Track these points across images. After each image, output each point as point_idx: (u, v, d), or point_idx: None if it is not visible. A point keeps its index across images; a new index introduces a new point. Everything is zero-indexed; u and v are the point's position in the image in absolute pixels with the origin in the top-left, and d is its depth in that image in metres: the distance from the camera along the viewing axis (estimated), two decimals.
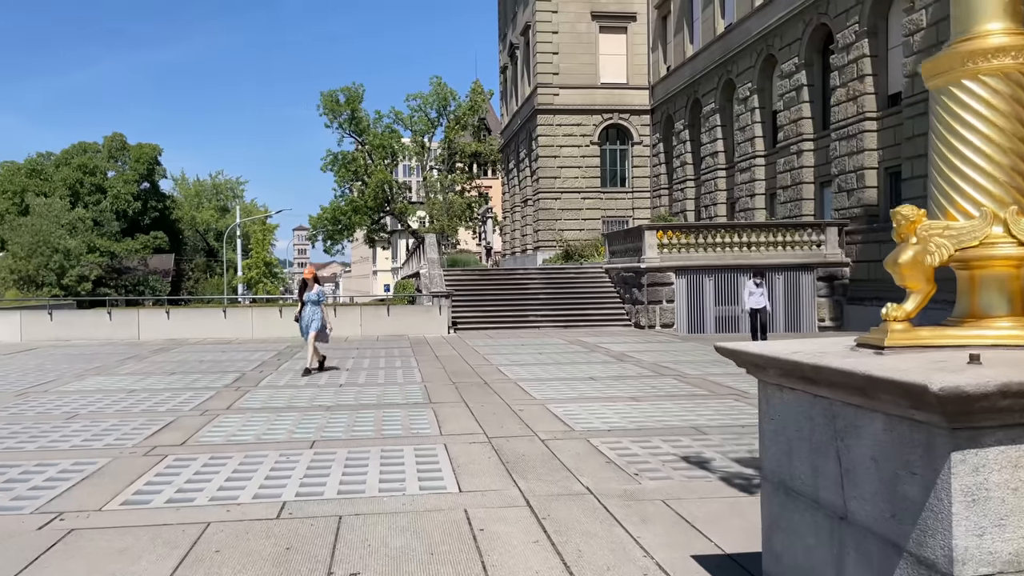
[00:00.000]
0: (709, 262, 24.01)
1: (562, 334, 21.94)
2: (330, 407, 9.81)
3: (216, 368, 14.30)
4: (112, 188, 68.31)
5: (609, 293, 26.78)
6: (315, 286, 13.37)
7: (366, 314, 22.25)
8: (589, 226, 41.90)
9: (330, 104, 61.54)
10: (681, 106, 38.44)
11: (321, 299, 13.42)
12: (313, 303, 13.19)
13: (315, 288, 13.33)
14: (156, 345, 19.62)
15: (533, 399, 10.30)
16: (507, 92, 54.09)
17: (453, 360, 15.39)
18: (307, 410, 9.60)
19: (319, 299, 13.33)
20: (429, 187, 65.99)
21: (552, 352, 16.74)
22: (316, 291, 13.29)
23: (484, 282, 28.70)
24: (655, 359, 15.18)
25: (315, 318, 13.14)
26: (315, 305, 13.21)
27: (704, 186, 35.80)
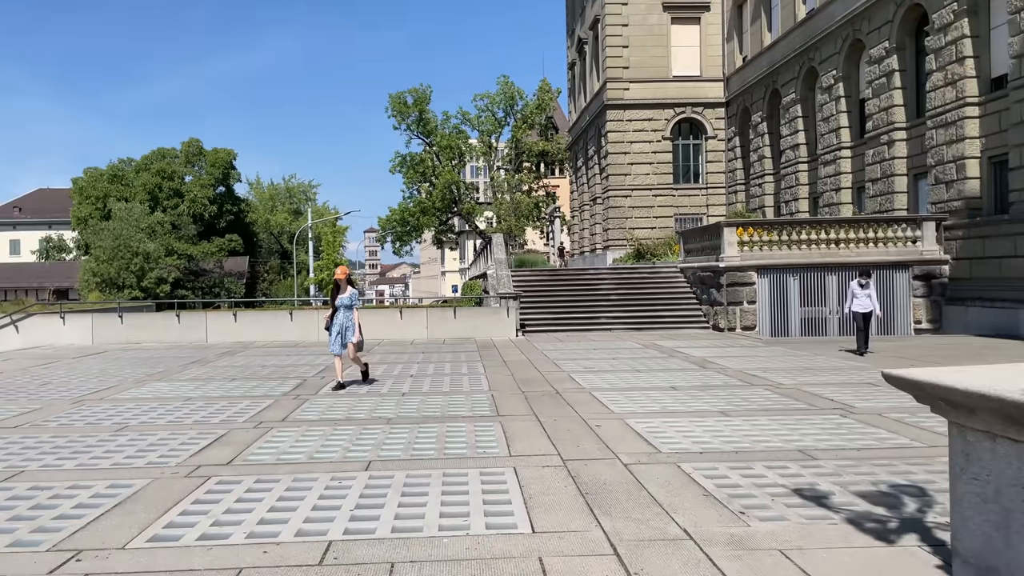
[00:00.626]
0: (793, 260, 22.56)
1: (636, 337, 20.88)
2: (391, 419, 9.08)
3: (278, 374, 13.81)
4: (189, 192, 69.98)
5: (685, 294, 25.54)
6: (348, 288, 11.81)
7: (432, 316, 21.64)
8: (661, 224, 40.55)
9: (398, 106, 61.70)
10: (758, 97, 36.75)
11: (355, 303, 11.79)
12: (347, 307, 11.68)
13: (348, 290, 11.77)
14: (223, 348, 19.39)
15: (611, 412, 9.36)
16: (575, 89, 53.06)
17: (522, 366, 14.55)
18: (366, 423, 8.89)
19: (353, 303, 11.75)
20: (496, 187, 65.53)
21: (626, 357, 15.73)
22: (350, 294, 11.75)
23: (553, 283, 27.80)
24: (740, 366, 14.02)
25: (350, 325, 11.66)
26: (349, 310, 11.69)
27: (784, 181, 34.09)
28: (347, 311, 11.63)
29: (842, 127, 29.24)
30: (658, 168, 40.93)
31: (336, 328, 11.66)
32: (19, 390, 12.11)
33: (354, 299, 11.76)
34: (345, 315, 11.62)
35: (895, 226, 22.68)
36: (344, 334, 11.61)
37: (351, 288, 11.82)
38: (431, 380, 12.63)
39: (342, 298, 11.65)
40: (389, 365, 15.00)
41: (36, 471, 6.74)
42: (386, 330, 21.16)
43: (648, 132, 40.85)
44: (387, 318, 21.55)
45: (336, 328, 11.66)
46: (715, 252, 23.60)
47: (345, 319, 11.62)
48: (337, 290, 11.77)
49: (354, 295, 11.79)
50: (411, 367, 14.58)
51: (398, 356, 16.71)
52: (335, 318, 11.67)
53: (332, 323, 11.71)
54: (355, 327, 11.62)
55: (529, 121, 61.78)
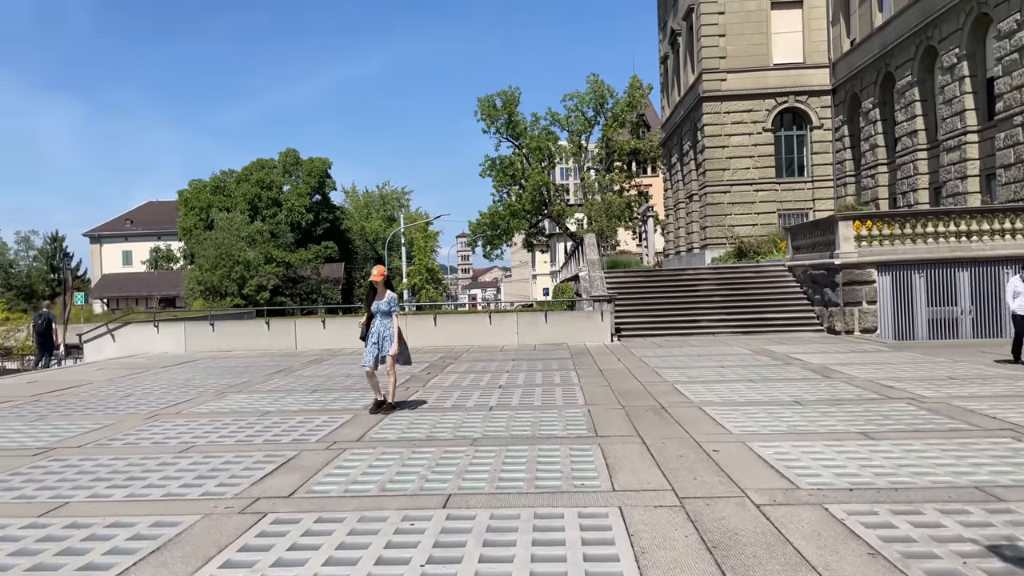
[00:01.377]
0: (918, 255, 20.45)
1: (742, 342, 19.29)
2: (476, 440, 8.09)
3: (361, 384, 13.08)
4: (287, 201, 71.73)
5: (794, 294, 23.67)
6: (387, 292, 10.10)
7: (523, 321, 20.65)
8: (763, 221, 38.38)
9: (487, 109, 61.32)
10: (869, 82, 34.20)
11: (394, 309, 10.11)
12: (384, 314, 10.02)
13: (387, 295, 10.08)
14: (311, 356, 18.97)
15: (728, 433, 8.08)
16: (668, 83, 51.23)
17: (620, 375, 13.35)
18: (449, 444, 7.93)
19: (391, 308, 10.07)
20: (587, 188, 64.27)
21: (736, 365, 14.29)
22: (388, 298, 10.05)
23: (649, 284, 26.37)
24: (869, 375, 12.40)
25: (388, 334, 9.96)
26: (387, 317, 10.02)
27: (900, 170, 31.50)
28: (384, 318, 10.02)
29: (967, 109, 26.65)
30: (759, 162, 38.78)
31: (372, 338, 9.98)
32: (99, 403, 11.78)
33: (392, 305, 10.09)
34: (382, 323, 10.01)
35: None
36: (381, 344, 9.96)
37: (389, 292, 10.14)
38: (521, 392, 11.59)
39: (379, 303, 10.03)
40: (477, 374, 14.07)
41: (81, 503, 6.05)
42: (475, 336, 20.32)
43: (747, 124, 38.76)
44: (476, 324, 20.72)
45: (372, 338, 9.98)
46: (828, 248, 21.70)
47: (382, 328, 10.00)
48: (373, 294, 10.11)
49: (392, 300, 10.10)
50: (500, 376, 13.60)
51: (487, 364, 15.78)
52: (371, 326, 10.04)
53: (368, 332, 10.05)
54: (393, 337, 9.95)
55: (620, 119, 60.22)
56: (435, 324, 20.46)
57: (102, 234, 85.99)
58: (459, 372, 14.52)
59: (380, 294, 10.05)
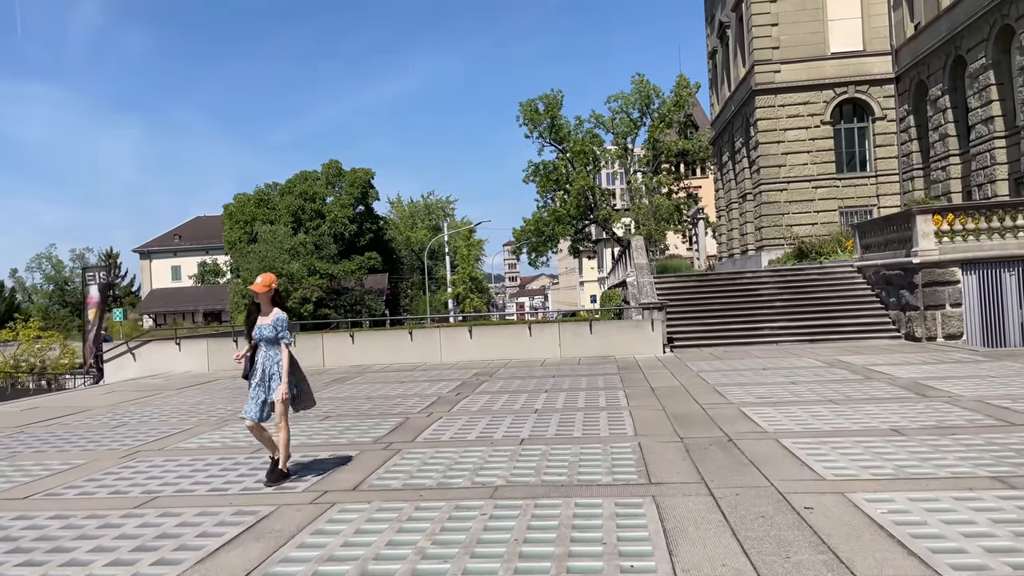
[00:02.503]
0: (1008, 252, 18.23)
1: (810, 351, 17.32)
2: (497, 489, 6.49)
3: (379, 409, 11.60)
4: (330, 213, 71.21)
5: (865, 297, 21.53)
6: (273, 311, 7.00)
7: (565, 332, 18.98)
8: (823, 219, 36.01)
9: (529, 113, 59.99)
10: (937, 68, 31.71)
11: (282, 335, 6.94)
12: (270, 342, 6.95)
13: (273, 314, 6.97)
14: (337, 373, 17.61)
15: (819, 478, 6.33)
16: (717, 79, 49.07)
17: (674, 395, 11.60)
18: (463, 495, 6.34)
19: (278, 334, 6.93)
20: (633, 191, 62.35)
21: (809, 381, 12.41)
22: (275, 319, 6.94)
23: (702, 289, 24.46)
24: (974, 392, 10.43)
25: (276, 371, 6.89)
26: (273, 346, 6.95)
27: (975, 160, 28.97)
28: (271, 347, 6.95)
29: None
30: (817, 157, 36.42)
31: (256, 377, 6.96)
32: (84, 436, 10.50)
33: (280, 327, 6.92)
34: (267, 354, 6.95)
35: None
36: (269, 385, 6.91)
37: (277, 311, 6.99)
38: (559, 418, 9.95)
39: (261, 328, 6.96)
40: (511, 395, 12.47)
41: None
42: (513, 350, 18.73)
43: (804, 117, 36.46)
44: (515, 336, 19.13)
45: (256, 377, 6.96)
46: (904, 246, 19.57)
47: (268, 361, 6.94)
48: (256, 313, 7.08)
49: (280, 321, 6.94)
50: (537, 398, 11.96)
51: (523, 382, 14.16)
52: (255, 358, 7.02)
53: (252, 367, 7.04)
54: (280, 376, 6.86)
55: (666, 120, 58.22)
56: (471, 336, 18.93)
57: (151, 250, 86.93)
58: (492, 392, 12.94)
59: (264, 312, 7.05)
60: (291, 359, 7.01)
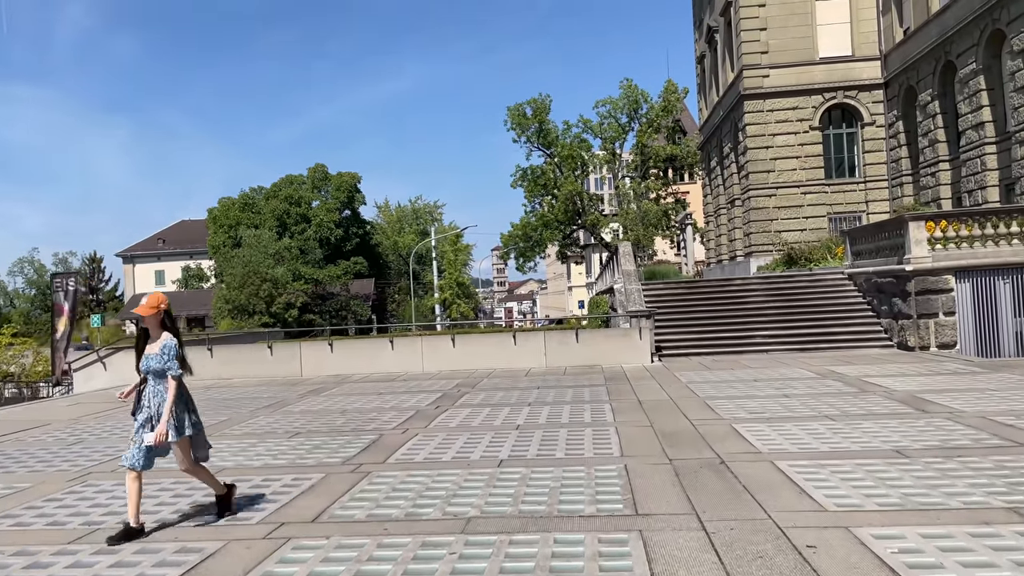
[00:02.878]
0: (1003, 259, 17.86)
1: (802, 361, 16.86)
2: (470, 520, 5.94)
3: (352, 424, 11.02)
4: (315, 217, 70.53)
5: (856, 305, 21.12)
6: (162, 335, 5.98)
7: (551, 341, 18.45)
8: (812, 225, 35.67)
9: (517, 118, 59.61)
10: (926, 73, 31.46)
11: (169, 366, 5.88)
12: (156, 375, 5.92)
13: (162, 339, 5.95)
14: (314, 384, 17.00)
15: (820, 509, 5.81)
16: (705, 84, 48.78)
17: (663, 410, 11.08)
18: (431, 528, 5.79)
19: (165, 364, 5.87)
20: (621, 196, 62.04)
21: (803, 394, 11.93)
22: (163, 347, 5.90)
23: (691, 296, 24.01)
24: (976, 407, 9.97)
25: (162, 409, 5.88)
26: (160, 379, 5.92)
27: (965, 167, 28.68)
28: (157, 382, 5.93)
29: None
30: (806, 162, 36.11)
31: (142, 415, 5.94)
32: (36, 454, 9.87)
33: (168, 357, 5.86)
34: (154, 389, 5.93)
35: None
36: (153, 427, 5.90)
37: (166, 336, 5.95)
38: (541, 436, 9.40)
39: (148, 358, 5.94)
40: (493, 408, 11.91)
41: None
42: (498, 358, 18.18)
43: (793, 122, 36.16)
44: (498, 344, 18.57)
45: (142, 415, 5.94)
46: (896, 253, 19.18)
47: (155, 398, 5.92)
48: (144, 339, 6.04)
49: (168, 349, 5.88)
50: (519, 412, 11.41)
51: (506, 394, 13.61)
52: (143, 393, 5.99)
53: (139, 403, 5.99)
54: (164, 414, 5.83)
55: (655, 125, 58.00)
56: (454, 345, 18.37)
57: (135, 254, 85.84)
58: (472, 406, 12.38)
59: (152, 338, 5.99)
60: (182, 395, 6.03)
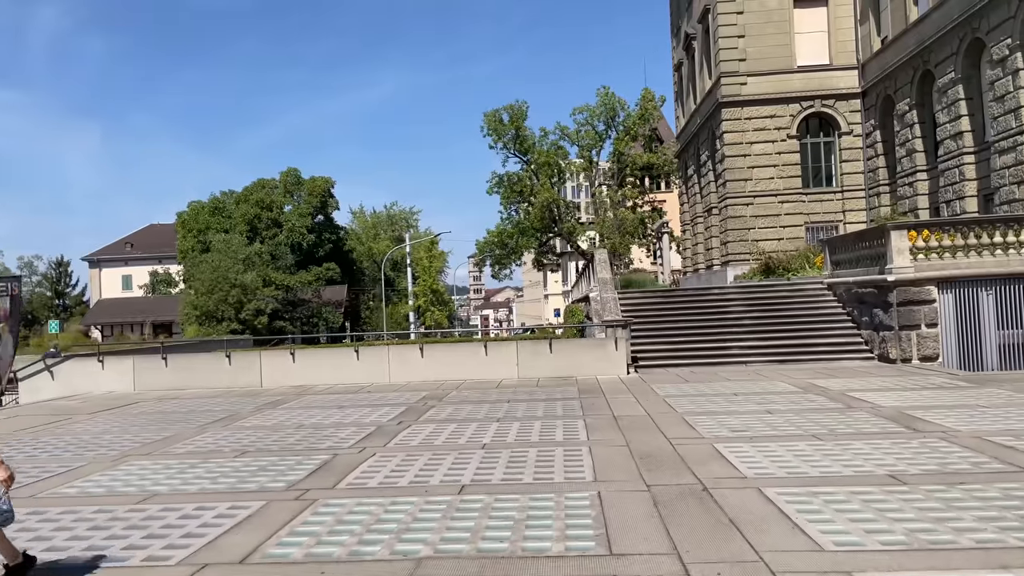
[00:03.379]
0: (986, 270, 17.46)
1: (782, 373, 16.31)
2: (421, 561, 5.21)
3: (307, 442, 10.23)
4: (287, 222, 69.38)
5: (836, 316, 20.65)
6: None
7: (524, 351, 17.73)
8: (789, 234, 35.35)
9: (493, 124, 59.08)
10: (904, 83, 31.28)
11: None
12: None
13: None
14: (273, 396, 16.14)
15: (818, 548, 5.15)
16: (682, 91, 48.49)
17: (640, 426, 10.41)
18: (373, 571, 5.05)
19: None
20: (598, 204, 61.64)
21: (786, 410, 11.33)
22: None
23: (668, 305, 23.44)
24: (969, 426, 9.41)
25: None
26: None
27: (944, 176, 28.46)
28: None
29: (1023, 106, 23.66)
30: (784, 171, 35.81)
31: None
32: None
33: None
34: None
35: None
36: None
37: None
38: (509, 457, 8.69)
39: None
40: (459, 424, 11.17)
41: None
42: (468, 369, 17.44)
43: (770, 131, 35.85)
44: (469, 354, 17.83)
45: None
46: (877, 262, 18.73)
47: None
48: None
49: None
50: (487, 429, 10.69)
51: (475, 408, 12.88)
52: None
53: None
54: None
55: (632, 133, 57.78)
56: (422, 355, 17.59)
57: (102, 258, 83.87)
58: (438, 421, 11.63)
59: None
60: None
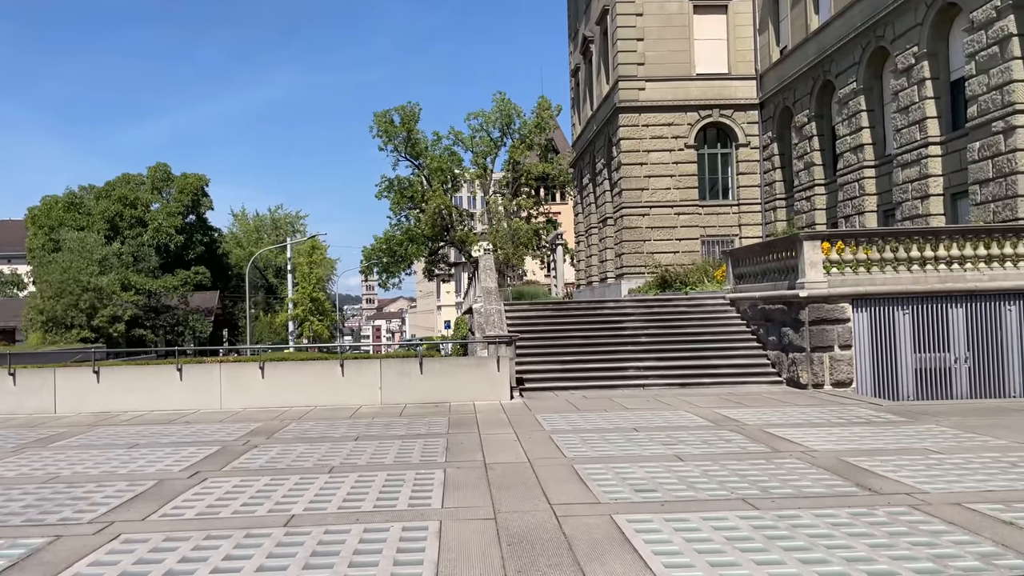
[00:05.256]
0: (902, 287, 15.93)
1: (686, 400, 14.14)
2: None
3: (36, 510, 7.07)
4: (154, 221, 63.61)
5: (740, 334, 18.81)
6: None
7: (389, 371, 14.84)
8: (685, 248, 33.96)
9: (384, 125, 55.94)
10: (804, 94, 30.40)
11: None
12: None
13: None
14: (61, 426, 12.65)
15: None
16: (579, 97, 46.90)
17: (515, 483, 7.79)
18: None
19: None
20: (492, 213, 59.36)
21: (699, 453, 8.99)
22: None
23: (560, 319, 21.08)
24: (935, 485, 7.27)
25: None
26: None
27: (843, 191, 27.54)
28: None
29: (928, 117, 22.79)
30: (680, 181, 34.43)
31: None
32: None
33: None
34: None
35: None
36: None
37: None
38: (316, 543, 5.85)
39: None
40: (273, 479, 8.21)
41: None
42: (319, 393, 14.41)
43: (668, 139, 34.42)
44: (321, 375, 14.78)
45: None
46: (787, 276, 16.95)
47: None
48: None
49: None
50: (307, 488, 7.79)
51: (308, 449, 9.93)
52: None
53: None
54: None
55: (527, 141, 55.86)
56: (263, 376, 14.44)
57: None
58: (248, 472, 8.63)
59: None
60: None
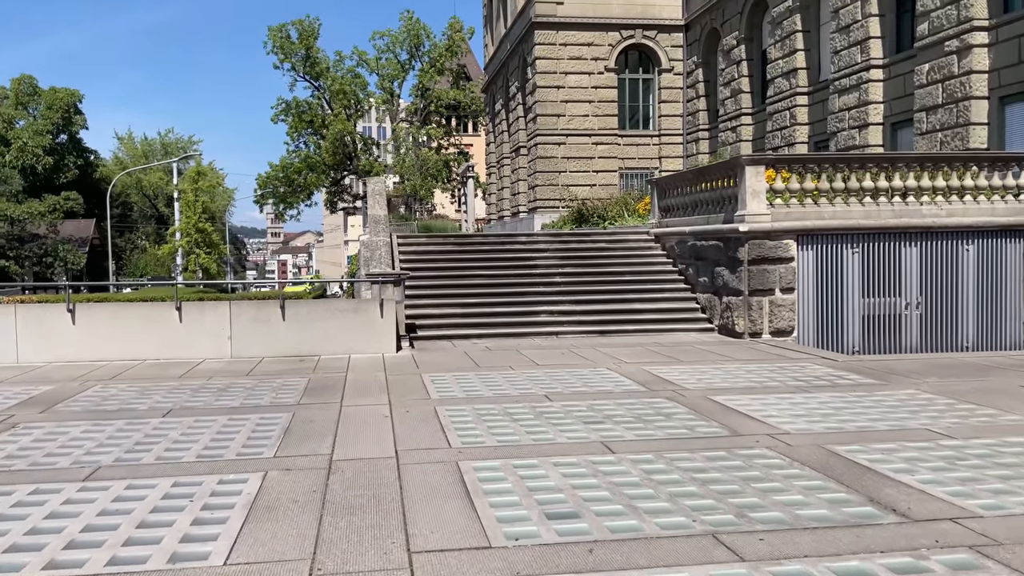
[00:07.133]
0: (853, 222, 13.90)
1: (608, 354, 11.76)
2: None
3: None
4: (17, 140, 56.91)
5: (666, 274, 16.56)
6: None
7: (242, 317, 11.83)
8: (603, 180, 31.61)
9: (280, 40, 50.90)
10: (733, 13, 28.01)
11: None
12: None
13: None
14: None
15: None
16: (492, 15, 43.32)
17: (365, 501, 5.14)
18: None
19: None
20: (399, 141, 55.43)
21: (633, 438, 6.55)
22: None
23: (465, 255, 18.30)
24: (977, 500, 5.03)
25: None
26: None
27: (772, 120, 25.52)
28: None
29: (871, 38, 20.75)
30: (599, 108, 31.82)
31: None
32: None
33: None
34: None
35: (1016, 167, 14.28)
36: None
37: None
38: None
39: None
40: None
41: None
42: (151, 344, 11.31)
43: (587, 61, 31.62)
44: (152, 320, 11.61)
45: None
46: (723, 208, 14.66)
47: None
48: None
49: None
50: (28, 513, 4.92)
51: (81, 436, 6.98)
52: None
53: None
54: None
55: (438, 66, 52.01)
56: (73, 321, 11.23)
57: None
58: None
59: None
60: None
